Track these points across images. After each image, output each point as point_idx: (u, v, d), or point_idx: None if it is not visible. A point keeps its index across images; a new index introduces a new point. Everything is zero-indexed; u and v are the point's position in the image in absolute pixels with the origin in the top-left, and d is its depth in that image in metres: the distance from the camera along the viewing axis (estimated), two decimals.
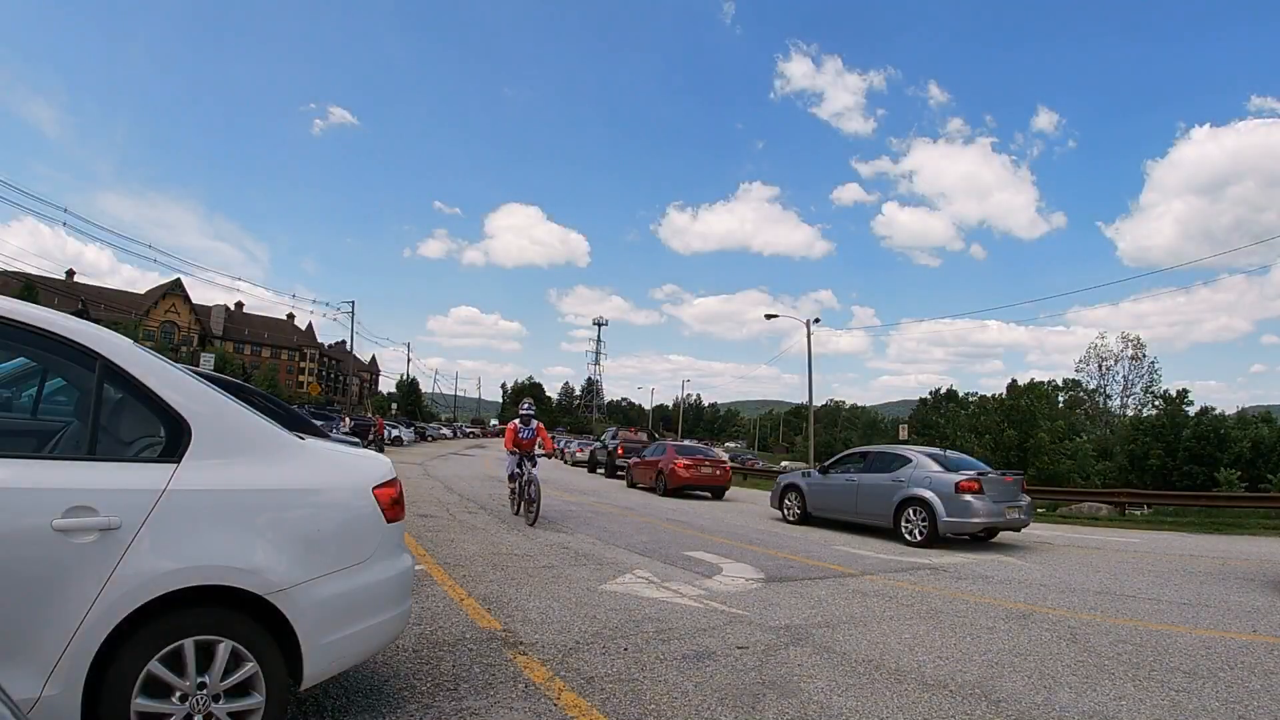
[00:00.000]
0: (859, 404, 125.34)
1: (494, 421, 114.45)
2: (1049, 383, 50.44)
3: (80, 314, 10.12)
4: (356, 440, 16.79)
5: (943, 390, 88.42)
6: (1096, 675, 3.97)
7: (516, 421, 10.53)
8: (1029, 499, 10.85)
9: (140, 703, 2.07)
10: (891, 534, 10.25)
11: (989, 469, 10.54)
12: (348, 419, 31.61)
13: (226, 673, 2.22)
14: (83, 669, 1.97)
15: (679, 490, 17.18)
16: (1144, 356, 56.55)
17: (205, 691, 2.17)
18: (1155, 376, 55.79)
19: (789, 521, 12.24)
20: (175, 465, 2.22)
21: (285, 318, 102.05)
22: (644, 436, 28.87)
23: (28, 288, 53.13)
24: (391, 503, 2.75)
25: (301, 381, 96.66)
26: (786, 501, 12.55)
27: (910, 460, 10.45)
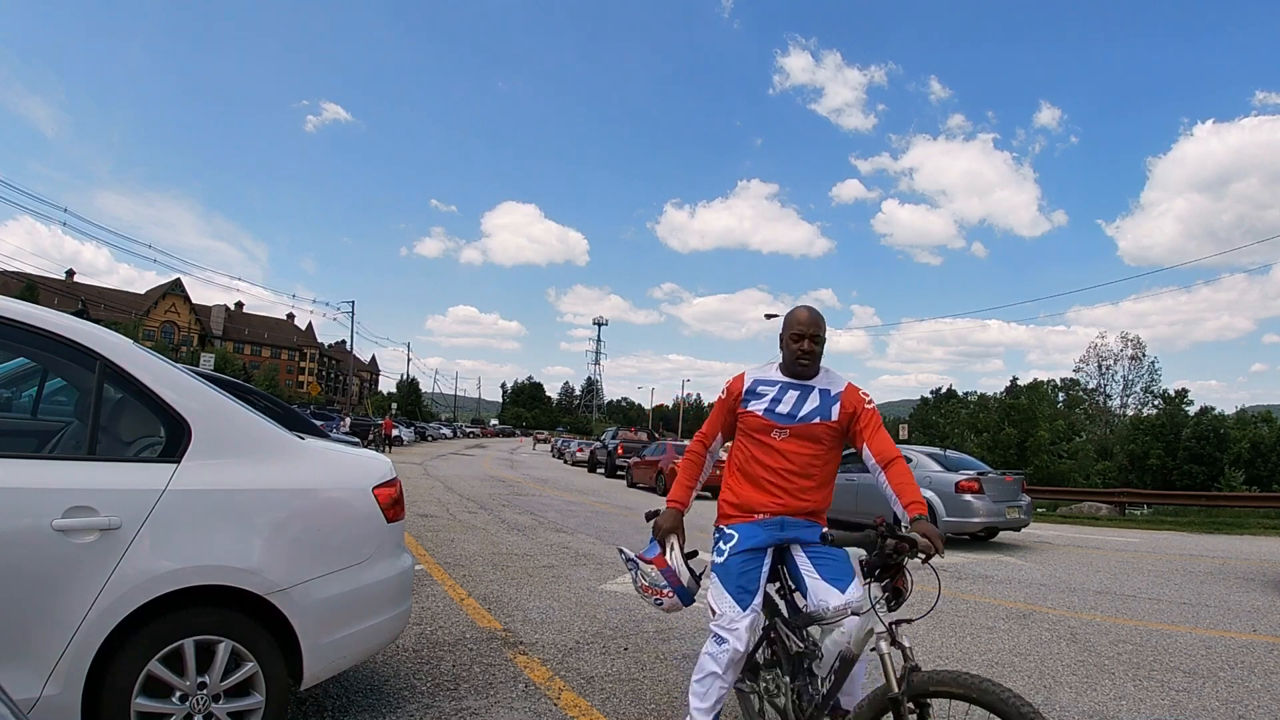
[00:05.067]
0: None
1: (494, 421, 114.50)
2: (1049, 382, 50.57)
3: (80, 314, 10.13)
4: (356, 440, 16.82)
5: (943, 390, 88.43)
6: (1096, 675, 3.97)
7: (749, 376, 2.54)
8: (1029, 499, 10.86)
9: (140, 703, 2.06)
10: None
11: (989, 469, 10.55)
12: (347, 419, 31.68)
13: (226, 673, 2.22)
14: (83, 669, 1.97)
15: None
16: (1144, 356, 56.63)
17: (205, 691, 2.17)
18: (1155, 376, 55.88)
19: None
20: (175, 465, 2.22)
21: (285, 318, 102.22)
22: (644, 436, 28.88)
23: (29, 288, 53.17)
24: (391, 502, 2.74)
25: (301, 381, 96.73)
26: None
27: (910, 460, 10.45)
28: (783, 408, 2.44)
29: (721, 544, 2.44)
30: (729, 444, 2.64)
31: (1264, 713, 3.45)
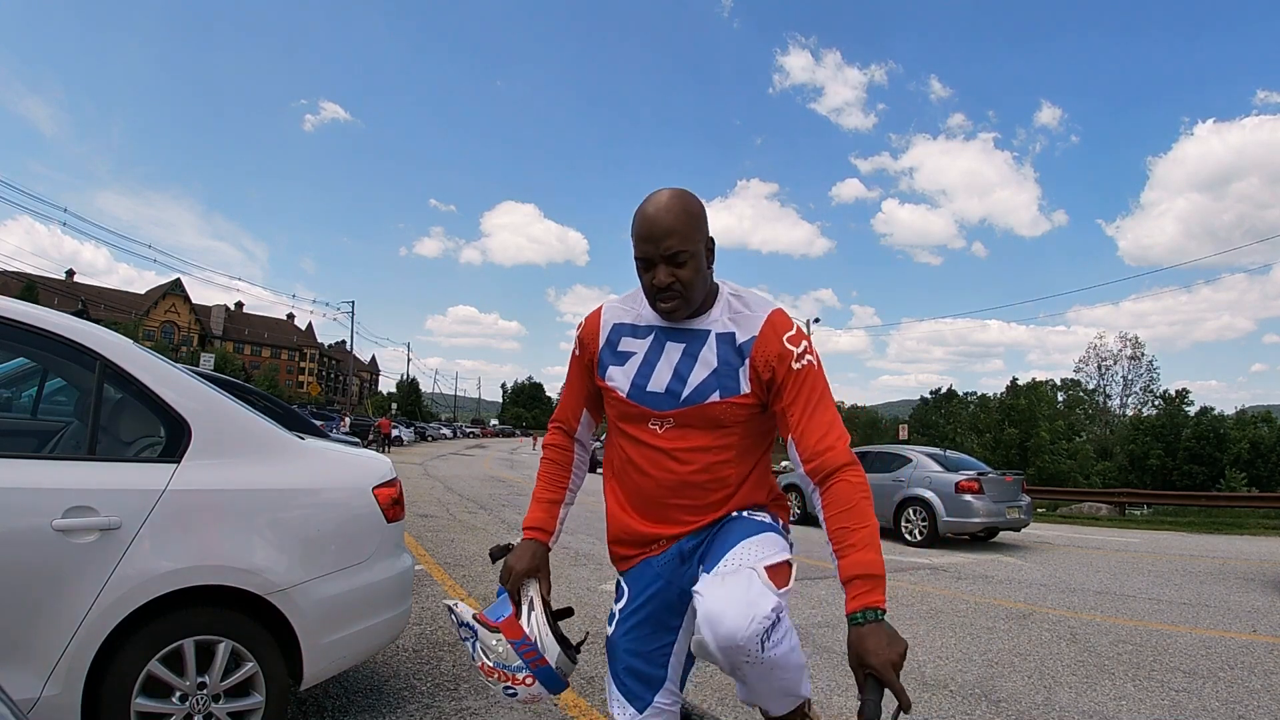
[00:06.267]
0: (859, 404, 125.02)
1: (494, 421, 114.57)
2: (1049, 382, 50.56)
3: (80, 314, 10.12)
4: (356, 440, 16.82)
5: (943, 390, 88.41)
6: (1096, 675, 3.97)
7: None
8: (1029, 499, 10.86)
9: (140, 703, 2.06)
10: (892, 534, 10.24)
11: (989, 469, 10.56)
12: (347, 419, 31.70)
13: (226, 673, 2.22)
14: (83, 669, 1.97)
15: None
16: (1143, 356, 56.68)
17: (205, 691, 2.17)
18: (1154, 376, 55.93)
19: (789, 522, 12.24)
20: (175, 465, 2.22)
21: (285, 318, 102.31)
22: None
23: (29, 288, 53.19)
24: (391, 502, 2.75)
25: (301, 381, 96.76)
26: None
27: (910, 460, 10.46)
28: (657, 379, 1.42)
29: (614, 604, 1.57)
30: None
31: (1264, 713, 3.45)
